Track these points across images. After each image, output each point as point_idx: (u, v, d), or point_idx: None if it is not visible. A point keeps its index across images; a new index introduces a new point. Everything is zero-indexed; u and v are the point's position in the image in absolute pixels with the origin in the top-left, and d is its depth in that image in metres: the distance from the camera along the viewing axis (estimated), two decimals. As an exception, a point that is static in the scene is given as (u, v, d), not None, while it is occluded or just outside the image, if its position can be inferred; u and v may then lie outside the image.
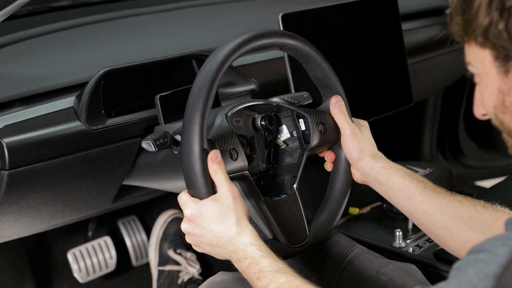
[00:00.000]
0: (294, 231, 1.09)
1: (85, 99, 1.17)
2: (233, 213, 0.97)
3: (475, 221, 1.02)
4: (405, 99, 1.68)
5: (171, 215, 1.92)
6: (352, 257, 1.18)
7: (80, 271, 1.82)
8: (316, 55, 1.12)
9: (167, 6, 1.82)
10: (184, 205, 1.01)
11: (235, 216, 0.97)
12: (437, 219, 1.05)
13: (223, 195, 0.98)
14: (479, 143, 2.35)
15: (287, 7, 1.53)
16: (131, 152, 1.25)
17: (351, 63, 1.53)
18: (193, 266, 1.86)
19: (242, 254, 0.95)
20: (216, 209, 0.98)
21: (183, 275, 1.84)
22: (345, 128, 1.15)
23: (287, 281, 0.90)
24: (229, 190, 0.98)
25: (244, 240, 0.96)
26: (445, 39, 0.96)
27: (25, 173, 1.12)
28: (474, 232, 1.01)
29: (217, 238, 0.98)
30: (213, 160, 0.98)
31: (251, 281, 0.94)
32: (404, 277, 1.13)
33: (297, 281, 0.90)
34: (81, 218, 1.44)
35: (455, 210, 1.04)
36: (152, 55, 1.29)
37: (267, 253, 0.94)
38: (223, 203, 0.98)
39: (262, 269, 0.92)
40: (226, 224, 0.97)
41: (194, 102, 0.97)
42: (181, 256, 1.87)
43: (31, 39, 1.48)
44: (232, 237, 0.97)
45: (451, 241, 1.04)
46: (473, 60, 0.86)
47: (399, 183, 1.10)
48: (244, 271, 0.95)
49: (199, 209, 0.99)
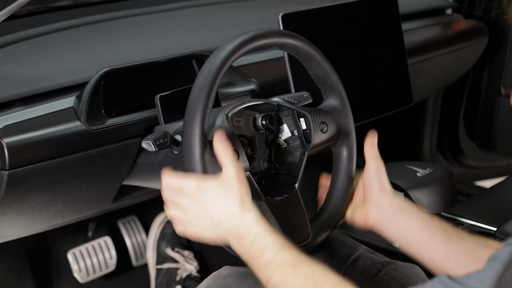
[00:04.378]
0: (296, 231, 1.09)
1: (85, 99, 1.17)
2: (238, 192, 0.94)
3: None
4: (405, 99, 1.68)
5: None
6: (355, 258, 1.18)
7: (80, 271, 1.82)
8: (316, 54, 1.12)
9: (167, 6, 1.82)
10: (184, 179, 0.96)
11: (239, 196, 0.94)
12: (462, 261, 0.99)
13: (229, 175, 0.95)
14: (479, 143, 2.35)
15: (287, 7, 1.53)
16: (131, 152, 1.25)
17: (351, 63, 1.53)
18: (191, 263, 1.86)
19: (246, 231, 0.92)
20: (222, 187, 0.94)
21: (181, 272, 1.84)
22: (372, 161, 1.11)
23: (292, 256, 0.88)
24: (236, 172, 0.95)
25: (249, 217, 0.92)
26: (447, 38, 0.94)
27: (25, 173, 1.12)
28: None
29: (220, 214, 0.94)
30: (220, 141, 0.96)
31: (253, 260, 0.90)
32: (407, 277, 1.13)
33: (302, 257, 0.88)
34: (81, 218, 1.44)
35: (480, 251, 0.98)
36: (152, 55, 1.29)
37: (271, 231, 0.92)
38: (228, 182, 0.94)
39: (266, 245, 0.90)
40: (231, 200, 0.94)
41: (194, 103, 0.97)
42: (179, 254, 1.87)
43: (31, 39, 1.48)
44: (236, 213, 0.93)
45: None
46: None
47: (421, 222, 1.04)
48: (246, 249, 0.92)
49: (203, 185, 0.95)
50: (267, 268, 0.88)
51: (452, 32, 1.98)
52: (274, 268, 0.87)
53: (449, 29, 1.98)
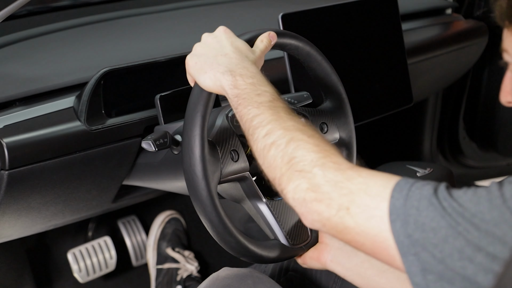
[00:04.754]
0: (296, 231, 1.09)
1: (85, 99, 1.17)
2: (253, 57, 0.97)
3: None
4: (405, 99, 1.68)
5: (168, 215, 1.93)
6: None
7: (80, 271, 1.82)
8: (317, 54, 1.12)
9: (167, 6, 1.82)
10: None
11: (255, 60, 0.96)
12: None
13: (257, 47, 0.99)
14: (479, 143, 2.35)
15: (287, 7, 1.53)
16: (131, 152, 1.25)
17: (351, 63, 1.53)
18: (191, 263, 1.86)
19: (249, 72, 0.92)
20: (246, 46, 0.98)
21: (182, 272, 1.84)
22: None
23: (286, 105, 0.89)
24: (262, 52, 0.99)
25: (255, 68, 0.94)
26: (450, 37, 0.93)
27: (25, 173, 1.12)
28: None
29: (233, 49, 0.95)
30: (269, 37, 1.01)
31: (248, 99, 0.90)
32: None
33: (294, 113, 0.89)
34: (81, 218, 1.44)
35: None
36: (152, 55, 1.29)
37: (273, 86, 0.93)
38: (254, 50, 0.98)
39: (266, 90, 0.91)
40: (248, 53, 0.96)
41: (194, 104, 0.97)
42: (179, 254, 1.87)
43: (31, 39, 1.48)
44: (245, 57, 0.95)
45: None
46: (511, 48, 0.84)
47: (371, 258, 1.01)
48: (242, 88, 0.91)
49: (232, 34, 0.99)
50: (260, 105, 0.88)
51: (452, 32, 1.98)
52: (267, 106, 0.88)
53: (449, 29, 1.98)
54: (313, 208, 0.79)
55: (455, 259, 0.69)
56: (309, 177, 0.79)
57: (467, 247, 0.69)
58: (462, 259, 0.69)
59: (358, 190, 0.77)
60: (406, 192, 0.74)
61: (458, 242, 0.69)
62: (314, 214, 0.79)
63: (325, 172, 0.79)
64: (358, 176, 0.78)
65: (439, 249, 0.70)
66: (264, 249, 1.03)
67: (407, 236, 0.72)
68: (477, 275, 0.68)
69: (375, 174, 0.79)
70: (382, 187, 0.76)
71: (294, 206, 0.82)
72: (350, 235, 0.77)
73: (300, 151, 0.82)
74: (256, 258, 1.02)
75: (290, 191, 0.81)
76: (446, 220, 0.70)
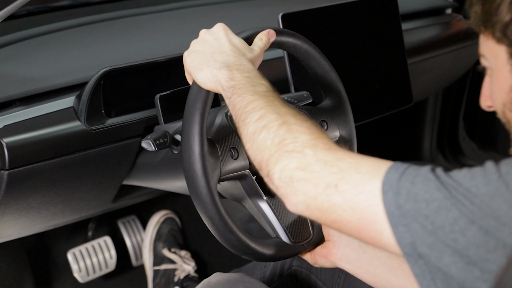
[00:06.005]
0: (297, 229, 1.09)
1: (85, 99, 1.17)
2: (251, 55, 0.97)
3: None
4: (405, 99, 1.68)
5: (163, 215, 1.92)
6: None
7: (80, 271, 1.82)
8: (315, 52, 1.12)
9: (167, 6, 1.82)
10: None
11: (253, 58, 0.97)
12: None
13: (256, 45, 0.99)
14: (479, 143, 2.35)
15: (287, 7, 1.53)
16: (131, 152, 1.25)
17: (351, 63, 1.53)
18: (188, 263, 1.86)
19: (246, 68, 0.92)
20: (244, 44, 0.98)
21: (179, 273, 1.84)
22: None
23: (282, 100, 0.89)
24: (261, 51, 0.99)
25: (251, 65, 0.94)
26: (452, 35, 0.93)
27: (25, 173, 1.12)
28: None
29: (231, 46, 0.96)
30: (269, 35, 1.01)
31: (243, 88, 0.90)
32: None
33: (295, 110, 0.88)
34: (81, 218, 1.44)
35: None
36: (152, 55, 1.29)
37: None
38: (252, 48, 0.99)
39: (262, 83, 0.90)
40: (245, 51, 0.97)
41: (193, 102, 0.97)
42: (176, 254, 1.87)
43: (31, 39, 1.48)
44: (243, 55, 0.95)
45: None
46: (487, 53, 0.83)
47: (382, 255, 1.03)
48: (239, 80, 0.91)
49: (230, 31, 0.99)
50: (255, 93, 0.88)
51: (452, 32, 1.98)
52: (262, 95, 0.88)
53: (449, 29, 1.98)
54: (299, 188, 0.78)
55: (446, 231, 0.68)
56: (299, 157, 0.79)
57: (460, 220, 0.68)
58: (454, 231, 0.68)
59: (348, 168, 0.76)
60: (402, 171, 0.73)
61: (451, 214, 0.68)
62: (300, 195, 0.78)
63: (316, 152, 0.78)
64: (349, 157, 0.78)
65: (430, 220, 0.69)
66: (266, 247, 1.02)
67: (398, 207, 0.71)
68: (469, 249, 0.67)
69: (367, 156, 0.78)
70: (372, 167, 0.75)
71: (278, 188, 0.81)
72: (335, 214, 0.76)
73: (292, 134, 0.81)
74: (258, 256, 1.02)
75: (277, 171, 0.80)
76: (441, 191, 0.70)
